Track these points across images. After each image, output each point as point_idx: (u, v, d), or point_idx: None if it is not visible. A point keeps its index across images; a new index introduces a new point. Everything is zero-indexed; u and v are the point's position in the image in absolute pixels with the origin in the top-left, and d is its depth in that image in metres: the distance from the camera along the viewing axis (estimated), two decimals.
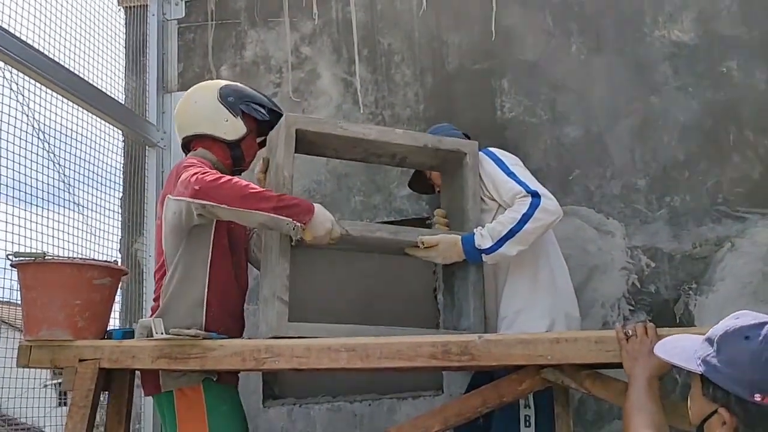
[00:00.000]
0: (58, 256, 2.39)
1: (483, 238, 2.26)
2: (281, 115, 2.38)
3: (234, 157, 2.40)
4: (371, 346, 1.99)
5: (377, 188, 3.23)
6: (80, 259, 2.20)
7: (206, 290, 2.23)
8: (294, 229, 2.05)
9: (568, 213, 2.99)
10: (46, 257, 2.07)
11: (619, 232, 2.97)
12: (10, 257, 2.07)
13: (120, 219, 3.18)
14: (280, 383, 3.26)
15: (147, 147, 3.27)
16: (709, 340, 1.39)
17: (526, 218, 2.22)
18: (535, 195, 2.24)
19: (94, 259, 2.32)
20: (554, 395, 2.15)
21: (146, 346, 2.07)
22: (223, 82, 2.47)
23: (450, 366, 2.04)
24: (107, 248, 3.02)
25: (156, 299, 2.30)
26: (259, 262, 2.44)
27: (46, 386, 2.94)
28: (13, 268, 2.11)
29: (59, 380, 2.16)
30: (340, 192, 3.25)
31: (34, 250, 2.28)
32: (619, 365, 1.87)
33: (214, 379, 2.20)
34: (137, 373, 2.37)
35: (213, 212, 2.07)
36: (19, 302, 2.14)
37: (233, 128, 2.36)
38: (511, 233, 2.22)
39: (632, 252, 2.95)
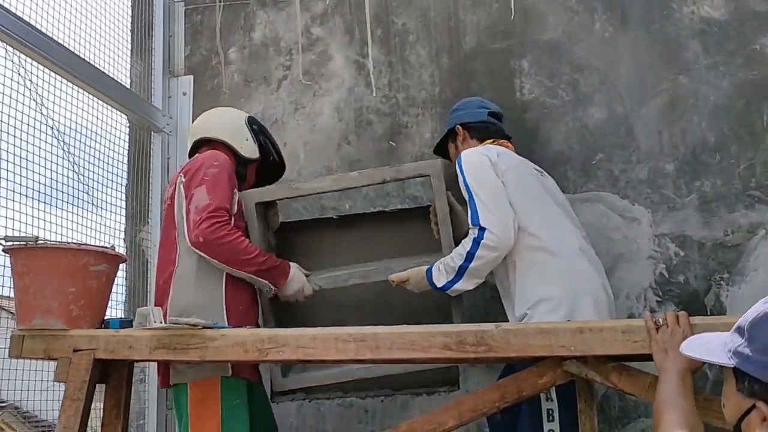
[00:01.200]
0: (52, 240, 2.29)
1: (439, 274, 2.31)
2: (284, 169, 2.71)
3: (238, 173, 2.50)
4: (381, 336, 1.89)
5: None
6: (75, 243, 2.09)
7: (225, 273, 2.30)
8: (269, 290, 2.38)
9: (591, 199, 2.88)
10: (39, 242, 1.98)
11: (646, 218, 2.82)
12: (1, 242, 1.98)
13: (124, 207, 3.08)
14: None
15: (152, 132, 3.17)
16: (739, 330, 1.25)
17: (470, 256, 2.22)
18: (481, 228, 2.20)
19: (89, 245, 2.21)
20: (577, 389, 2.02)
21: (143, 336, 1.98)
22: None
23: (466, 358, 1.92)
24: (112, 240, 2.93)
25: (163, 277, 2.32)
26: None
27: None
28: (5, 254, 2.02)
29: None
30: None
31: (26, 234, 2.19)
32: (649, 357, 1.76)
33: (229, 374, 2.19)
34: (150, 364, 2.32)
35: (206, 258, 2.25)
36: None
37: (250, 148, 2.55)
38: (461, 270, 2.25)
39: (660, 240, 2.80)
